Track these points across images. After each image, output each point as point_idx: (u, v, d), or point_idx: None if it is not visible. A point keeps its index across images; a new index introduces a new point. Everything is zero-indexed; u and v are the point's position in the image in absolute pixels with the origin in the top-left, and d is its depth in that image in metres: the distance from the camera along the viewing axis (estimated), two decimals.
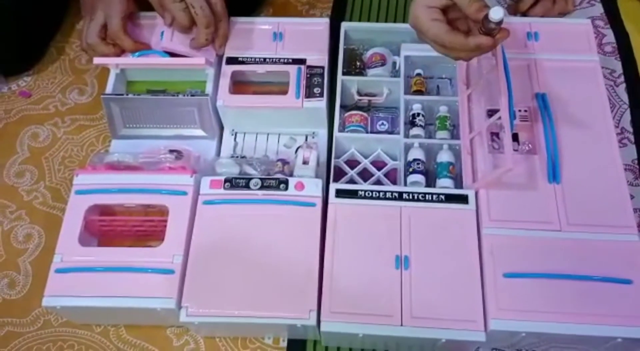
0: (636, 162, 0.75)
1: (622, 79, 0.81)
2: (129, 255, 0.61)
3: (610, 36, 0.85)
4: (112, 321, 0.66)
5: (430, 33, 0.56)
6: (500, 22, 0.52)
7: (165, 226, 0.62)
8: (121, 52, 0.73)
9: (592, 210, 0.61)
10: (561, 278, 0.57)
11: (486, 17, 0.52)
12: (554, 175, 0.63)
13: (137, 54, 0.72)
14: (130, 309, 0.59)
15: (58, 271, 0.60)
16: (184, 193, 0.63)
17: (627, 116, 0.78)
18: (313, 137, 0.74)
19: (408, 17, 0.59)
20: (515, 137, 0.66)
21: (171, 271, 0.59)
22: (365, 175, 0.71)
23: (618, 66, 0.82)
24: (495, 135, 0.66)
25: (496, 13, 0.51)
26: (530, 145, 0.66)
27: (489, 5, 0.53)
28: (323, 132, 0.74)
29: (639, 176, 0.74)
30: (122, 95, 0.71)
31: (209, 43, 0.71)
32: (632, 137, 0.76)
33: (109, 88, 0.72)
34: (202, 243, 0.61)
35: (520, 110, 0.68)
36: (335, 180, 0.68)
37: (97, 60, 0.71)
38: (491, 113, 0.66)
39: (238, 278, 0.59)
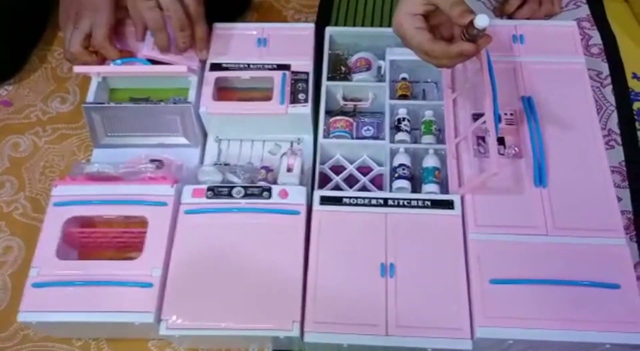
0: (624, 164, 0.74)
1: (608, 80, 0.81)
2: (107, 268, 0.59)
3: (596, 37, 0.85)
4: (92, 335, 0.65)
5: (413, 41, 0.56)
6: (484, 30, 0.51)
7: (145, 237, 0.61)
8: (103, 60, 0.72)
9: (579, 214, 0.60)
10: (548, 284, 0.56)
11: (471, 23, 0.51)
12: (540, 178, 0.62)
13: (119, 61, 0.71)
14: (109, 323, 0.58)
15: (35, 285, 0.58)
16: (164, 204, 0.62)
17: (614, 118, 0.78)
18: (298, 143, 0.73)
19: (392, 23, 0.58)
20: (501, 141, 0.65)
21: (149, 285, 0.58)
22: (350, 181, 0.70)
23: (604, 67, 0.82)
24: (481, 139, 0.66)
25: (482, 20, 0.50)
26: (516, 149, 0.65)
27: (473, 10, 0.52)
28: (308, 138, 0.73)
29: (626, 178, 0.73)
30: (103, 104, 0.70)
31: (187, 46, 0.69)
32: (619, 139, 0.76)
33: (90, 97, 0.71)
34: (183, 253, 0.60)
35: (506, 114, 0.67)
36: (321, 186, 0.67)
37: (77, 69, 0.70)
38: (477, 117, 0.65)
39: (220, 288, 0.58)
